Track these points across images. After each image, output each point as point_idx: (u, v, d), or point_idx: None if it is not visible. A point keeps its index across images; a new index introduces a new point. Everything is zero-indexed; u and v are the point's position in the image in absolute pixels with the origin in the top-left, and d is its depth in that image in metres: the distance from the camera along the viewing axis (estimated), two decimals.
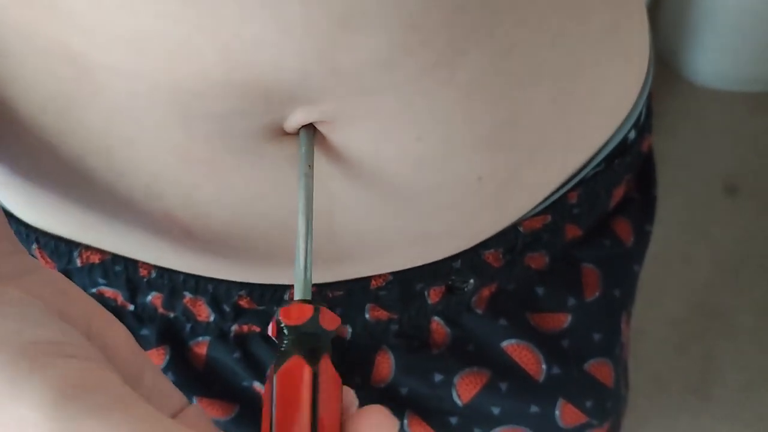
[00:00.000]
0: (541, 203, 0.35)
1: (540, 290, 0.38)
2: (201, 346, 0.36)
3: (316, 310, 0.23)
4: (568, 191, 0.36)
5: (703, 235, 1.21)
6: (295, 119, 0.27)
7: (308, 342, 0.23)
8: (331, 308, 0.34)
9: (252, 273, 0.33)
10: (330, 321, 0.24)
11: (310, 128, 0.27)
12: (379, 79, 0.25)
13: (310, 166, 0.26)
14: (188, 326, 0.36)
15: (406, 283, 0.34)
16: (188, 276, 0.33)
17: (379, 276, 0.34)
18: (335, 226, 0.30)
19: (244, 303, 0.34)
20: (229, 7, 0.23)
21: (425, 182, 0.29)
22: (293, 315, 0.23)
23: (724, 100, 1.35)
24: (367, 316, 0.35)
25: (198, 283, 0.33)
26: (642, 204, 0.41)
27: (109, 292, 0.35)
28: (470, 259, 0.34)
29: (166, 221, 0.30)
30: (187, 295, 0.34)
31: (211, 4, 0.23)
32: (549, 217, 0.35)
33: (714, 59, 1.32)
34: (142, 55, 0.24)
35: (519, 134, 0.30)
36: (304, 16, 0.23)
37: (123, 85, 0.25)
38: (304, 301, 0.24)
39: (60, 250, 0.34)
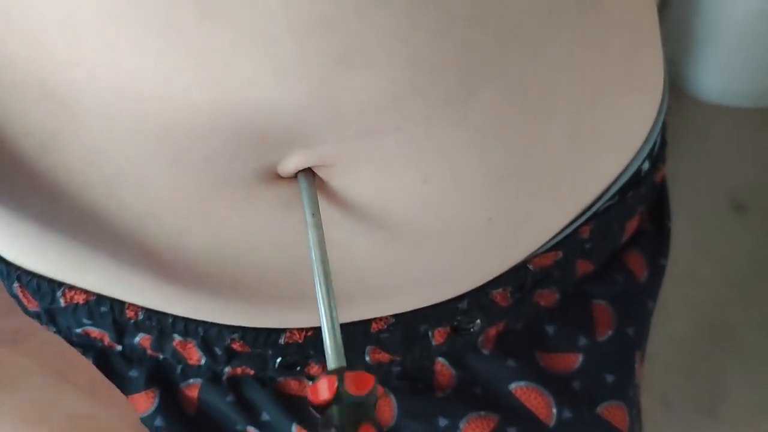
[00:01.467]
0: (551, 239, 0.33)
1: (550, 329, 0.36)
2: (192, 389, 0.34)
3: (376, 382, 0.22)
4: (580, 226, 0.34)
5: (709, 252, 1.20)
6: (292, 163, 0.25)
7: (361, 414, 0.21)
8: None
9: (245, 317, 0.31)
10: (381, 390, 0.22)
11: (309, 172, 0.25)
12: (383, 120, 0.23)
13: (314, 215, 0.24)
14: (179, 368, 0.34)
15: (409, 326, 0.32)
16: (177, 318, 0.32)
17: (381, 318, 0.32)
18: (335, 273, 0.28)
19: (236, 346, 0.32)
20: (217, 44, 0.21)
21: (432, 225, 0.28)
22: (361, 385, 0.22)
23: (729, 115, 1.34)
24: (367, 358, 0.33)
25: (188, 326, 0.32)
26: (655, 236, 0.39)
27: (95, 332, 0.33)
28: (477, 298, 0.33)
29: (152, 265, 0.28)
30: (177, 338, 0.32)
31: (198, 41, 0.21)
32: (560, 254, 0.34)
33: (718, 74, 1.30)
34: (122, 96, 0.22)
35: (532, 171, 0.28)
36: (298, 54, 0.21)
37: (102, 127, 0.23)
38: (359, 368, 0.22)
39: (42, 289, 0.32)
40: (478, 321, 0.33)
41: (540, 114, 0.26)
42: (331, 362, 0.22)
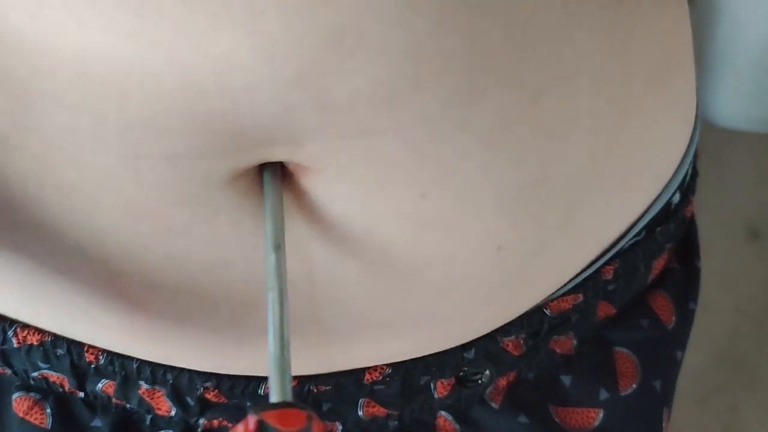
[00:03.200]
0: (571, 280, 0.30)
1: (566, 380, 0.32)
2: None
3: (310, 419, 0.19)
4: (603, 265, 0.30)
5: (725, 281, 1.17)
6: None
7: None
8: (317, 405, 0.29)
9: (219, 361, 0.28)
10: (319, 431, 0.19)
11: (276, 170, 0.22)
12: (377, 118, 0.20)
13: (280, 236, 0.21)
14: (148, 418, 0.30)
15: (407, 376, 0.29)
16: (143, 363, 0.28)
17: (375, 368, 0.28)
18: (318, 302, 0.25)
19: (211, 396, 0.29)
20: (194, 18, 0.18)
21: (431, 251, 0.24)
22: (287, 422, 0.19)
23: (745, 141, 1.32)
24: (360, 413, 0.29)
25: (155, 372, 0.28)
26: (684, 276, 0.35)
27: (53, 376, 0.30)
28: (486, 347, 0.29)
29: (112, 292, 0.25)
30: (143, 386, 0.29)
31: (172, 14, 0.18)
32: (580, 296, 0.30)
33: (733, 99, 1.28)
34: (88, 80, 0.20)
35: (549, 196, 0.25)
36: (284, 30, 0.18)
37: (64, 119, 0.20)
38: (289, 404, 0.19)
39: None
40: (487, 372, 0.30)
41: (556, 129, 0.23)
42: (275, 396, 0.20)
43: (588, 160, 0.25)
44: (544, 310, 0.29)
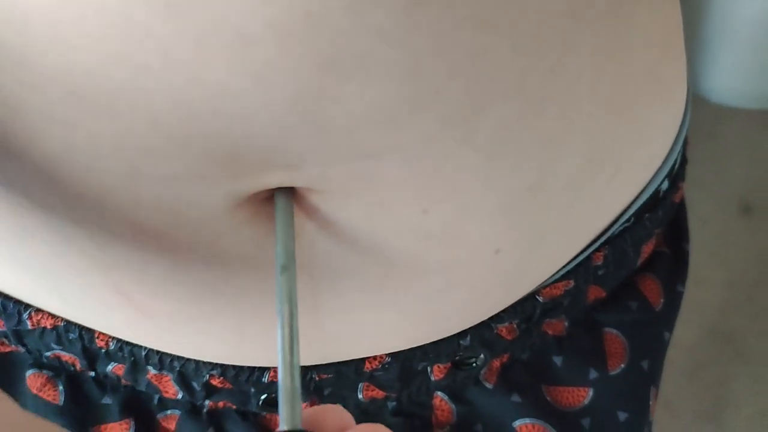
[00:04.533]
0: (562, 267, 0.31)
1: (557, 360, 0.33)
2: (170, 421, 0.32)
3: None
4: (593, 252, 0.31)
5: (716, 256, 1.18)
6: (271, 186, 0.22)
7: None
8: (319, 390, 0.30)
9: (222, 355, 0.28)
10: None
11: (288, 193, 0.22)
12: (376, 140, 0.20)
13: (291, 254, 0.21)
14: (156, 397, 0.32)
15: (405, 363, 0.30)
16: (151, 350, 0.29)
17: (375, 357, 0.29)
18: (321, 310, 0.26)
19: (216, 382, 0.30)
20: (184, 45, 0.18)
21: (433, 259, 0.25)
22: None
23: (739, 117, 1.32)
24: (359, 396, 0.31)
25: (162, 359, 0.29)
26: (673, 259, 0.36)
27: (66, 356, 0.31)
28: (481, 334, 0.30)
29: (117, 297, 0.25)
30: (151, 371, 0.30)
31: (162, 40, 0.18)
32: (571, 282, 0.31)
33: (728, 76, 1.28)
34: (80, 100, 0.19)
35: (544, 199, 0.25)
36: (279, 57, 0.18)
37: (59, 135, 0.20)
38: None
39: (8, 310, 0.29)
40: (482, 355, 0.31)
41: (556, 134, 0.23)
42: (283, 425, 0.19)
43: (582, 158, 0.25)
44: (537, 296, 0.30)
